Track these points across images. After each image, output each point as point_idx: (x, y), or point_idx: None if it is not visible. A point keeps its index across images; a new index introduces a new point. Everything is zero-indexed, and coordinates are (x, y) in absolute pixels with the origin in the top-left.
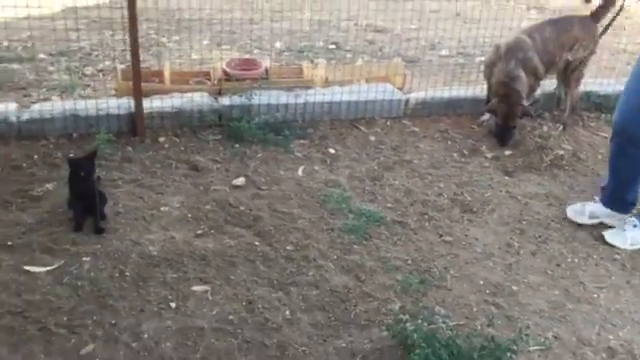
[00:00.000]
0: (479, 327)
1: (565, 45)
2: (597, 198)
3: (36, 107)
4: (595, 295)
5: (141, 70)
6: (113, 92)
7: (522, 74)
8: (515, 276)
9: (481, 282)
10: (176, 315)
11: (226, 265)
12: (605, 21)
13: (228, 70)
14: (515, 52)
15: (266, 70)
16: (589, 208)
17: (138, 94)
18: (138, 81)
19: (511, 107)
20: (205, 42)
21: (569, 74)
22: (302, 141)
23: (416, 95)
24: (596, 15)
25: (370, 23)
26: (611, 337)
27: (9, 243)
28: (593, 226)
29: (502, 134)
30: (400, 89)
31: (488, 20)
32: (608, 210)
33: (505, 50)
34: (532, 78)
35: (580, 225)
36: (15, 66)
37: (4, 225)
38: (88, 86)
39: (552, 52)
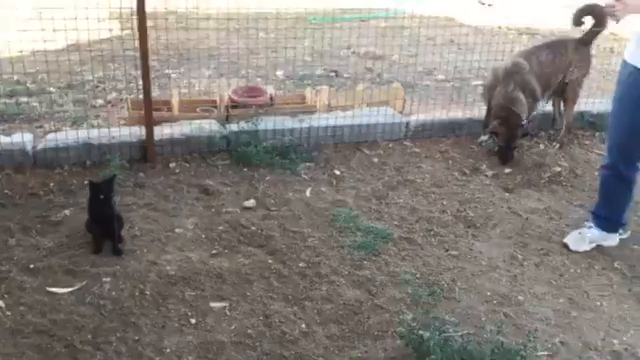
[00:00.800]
0: (488, 335)
1: (560, 67)
2: (589, 223)
3: (50, 137)
4: (598, 303)
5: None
6: (123, 122)
7: (521, 96)
8: (520, 287)
9: (488, 293)
10: (196, 330)
11: (242, 282)
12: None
13: (235, 98)
14: (513, 75)
15: (270, 97)
16: (588, 236)
17: (149, 122)
18: (149, 110)
19: (512, 129)
20: (208, 73)
21: (565, 95)
22: (308, 164)
23: (416, 118)
24: (588, 38)
25: (368, 51)
26: (615, 341)
27: (31, 266)
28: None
29: (504, 154)
30: (400, 112)
31: (482, 45)
32: (605, 233)
33: (504, 74)
34: (530, 100)
35: None
36: (26, 99)
37: (25, 249)
38: (98, 117)
39: (548, 74)
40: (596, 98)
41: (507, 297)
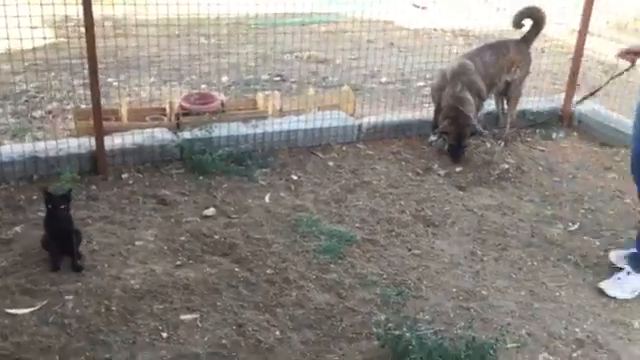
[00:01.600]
0: (459, 331)
1: (504, 67)
2: (628, 268)
3: None
4: (557, 293)
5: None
6: (67, 133)
7: (468, 96)
8: (483, 282)
9: (454, 290)
10: (169, 344)
11: (210, 292)
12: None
13: (187, 105)
14: (460, 76)
15: (222, 103)
16: (632, 284)
17: (100, 133)
18: (99, 120)
19: (461, 128)
20: (151, 80)
21: (508, 94)
22: (264, 170)
23: (368, 120)
24: (528, 39)
25: (311, 55)
26: (577, 330)
27: None
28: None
29: (454, 153)
30: (352, 115)
31: (422, 47)
32: None
33: (451, 75)
34: (477, 99)
35: (534, 231)
36: None
37: None
38: (40, 128)
39: (492, 74)
40: (534, 97)
41: (472, 292)
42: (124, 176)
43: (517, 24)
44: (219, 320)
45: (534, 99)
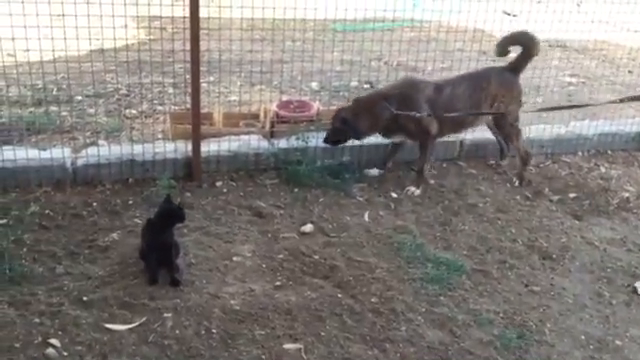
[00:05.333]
0: None
1: (480, 102)
2: None
3: (91, 152)
4: None
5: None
6: (161, 135)
7: (365, 112)
8: (615, 329)
9: (582, 337)
10: None
11: (313, 320)
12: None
13: (284, 113)
14: (401, 89)
15: (317, 111)
16: None
17: (197, 138)
18: (198, 125)
19: (333, 121)
20: (239, 83)
21: (502, 131)
22: (361, 184)
23: (471, 136)
24: (516, 67)
25: (400, 62)
26: None
27: (84, 299)
28: None
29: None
30: None
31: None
32: None
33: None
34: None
35: None
36: (54, 108)
37: (75, 279)
38: (133, 129)
39: (460, 110)
40: None
41: (604, 342)
42: (218, 184)
43: (502, 52)
44: (325, 353)
45: None
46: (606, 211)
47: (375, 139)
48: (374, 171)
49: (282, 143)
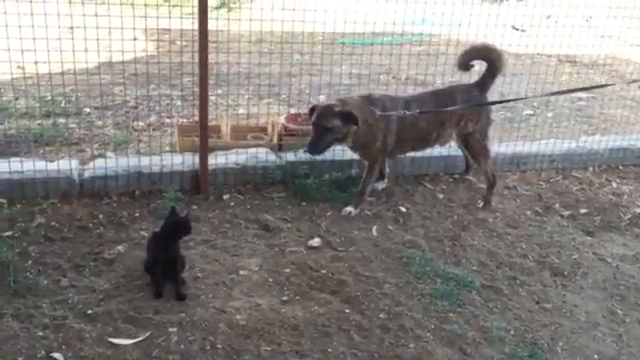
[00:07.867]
0: None
1: (445, 122)
2: None
3: (98, 164)
4: None
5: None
6: (167, 148)
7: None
8: (629, 348)
9: (595, 356)
10: None
11: (320, 336)
12: None
13: (292, 126)
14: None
15: None
16: None
17: (205, 150)
18: (205, 138)
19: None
20: (247, 96)
21: (470, 151)
22: (369, 198)
23: None
24: (482, 85)
25: (409, 76)
26: None
27: (89, 312)
28: None
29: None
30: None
31: (528, 74)
32: None
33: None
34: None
35: None
36: (62, 120)
37: (80, 292)
38: (140, 141)
39: (424, 129)
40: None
41: None
42: (225, 197)
43: (463, 66)
44: None
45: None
46: (618, 227)
47: None
48: (381, 184)
49: (290, 156)
